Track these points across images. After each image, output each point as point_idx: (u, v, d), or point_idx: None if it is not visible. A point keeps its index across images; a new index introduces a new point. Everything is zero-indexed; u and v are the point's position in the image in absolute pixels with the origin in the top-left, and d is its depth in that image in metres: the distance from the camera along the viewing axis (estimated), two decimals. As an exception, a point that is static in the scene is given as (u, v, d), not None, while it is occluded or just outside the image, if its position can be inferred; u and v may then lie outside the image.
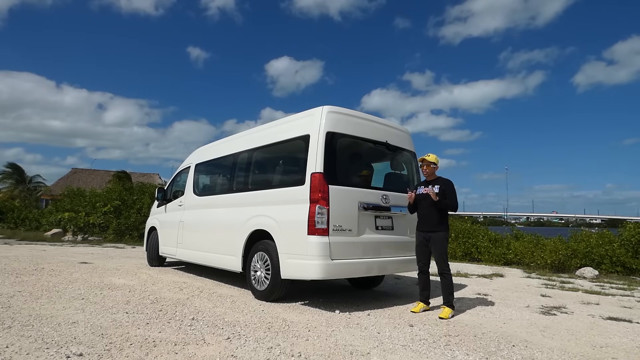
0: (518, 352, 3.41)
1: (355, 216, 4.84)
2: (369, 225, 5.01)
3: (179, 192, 7.87)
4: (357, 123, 5.17)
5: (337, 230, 4.63)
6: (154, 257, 8.21)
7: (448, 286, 4.61)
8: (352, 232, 4.78)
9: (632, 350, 3.67)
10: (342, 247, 4.64)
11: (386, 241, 5.18)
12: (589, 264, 9.99)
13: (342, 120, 4.99)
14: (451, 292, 4.63)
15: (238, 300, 5.07)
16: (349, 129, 5.04)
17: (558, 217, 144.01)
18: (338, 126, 4.90)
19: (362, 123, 5.25)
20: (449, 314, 4.51)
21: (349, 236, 4.75)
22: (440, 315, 4.49)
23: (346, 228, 4.72)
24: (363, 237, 4.90)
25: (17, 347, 3.03)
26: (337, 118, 4.93)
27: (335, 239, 4.57)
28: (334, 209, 4.63)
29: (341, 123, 4.96)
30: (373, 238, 5.02)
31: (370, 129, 5.31)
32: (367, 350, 3.30)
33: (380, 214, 5.15)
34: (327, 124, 4.79)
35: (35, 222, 18.40)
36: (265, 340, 3.45)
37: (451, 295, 4.63)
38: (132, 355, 2.96)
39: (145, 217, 12.87)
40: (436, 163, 4.85)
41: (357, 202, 4.88)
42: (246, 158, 6.10)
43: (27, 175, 35.05)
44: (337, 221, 4.65)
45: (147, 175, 35.78)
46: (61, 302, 4.53)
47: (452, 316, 4.55)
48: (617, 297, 6.51)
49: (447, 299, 4.62)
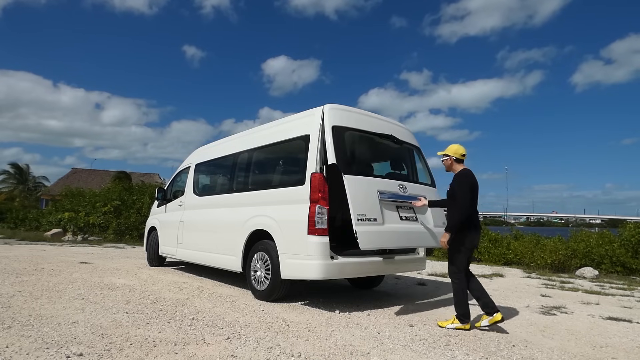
0: (518, 352, 3.41)
1: (377, 205, 4.65)
2: (393, 215, 4.81)
3: (179, 192, 7.87)
4: (360, 119, 5.15)
5: (362, 220, 4.36)
6: (154, 257, 8.21)
7: (454, 294, 4.14)
8: (378, 222, 4.55)
9: (632, 350, 3.67)
10: (371, 236, 4.41)
11: (413, 231, 4.99)
12: (589, 264, 9.99)
13: (345, 115, 4.99)
14: (458, 301, 4.07)
15: (238, 300, 5.07)
16: (353, 124, 5.00)
17: (558, 217, 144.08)
18: (342, 121, 4.87)
19: (365, 119, 5.23)
20: (445, 324, 4.11)
21: (375, 225, 4.50)
22: (439, 323, 4.19)
23: (370, 217, 4.49)
24: (388, 226, 4.66)
25: (17, 347, 3.03)
26: (340, 114, 4.92)
27: (362, 229, 4.31)
28: (354, 198, 4.41)
29: (345, 118, 4.94)
30: (399, 227, 4.82)
31: (374, 124, 5.30)
32: (367, 350, 3.30)
33: (402, 204, 4.98)
34: (332, 119, 4.76)
35: (35, 222, 18.40)
36: (265, 340, 3.45)
37: (458, 305, 4.07)
38: (132, 355, 2.96)
39: (145, 217, 12.87)
40: (450, 154, 4.29)
41: (376, 191, 4.73)
42: (246, 158, 6.11)
43: (32, 176, 35.15)
44: (360, 210, 4.39)
45: (147, 175, 35.77)
46: (61, 302, 4.53)
47: (454, 328, 4.03)
48: (617, 297, 6.51)
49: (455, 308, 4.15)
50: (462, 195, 4.00)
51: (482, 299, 4.05)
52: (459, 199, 4.02)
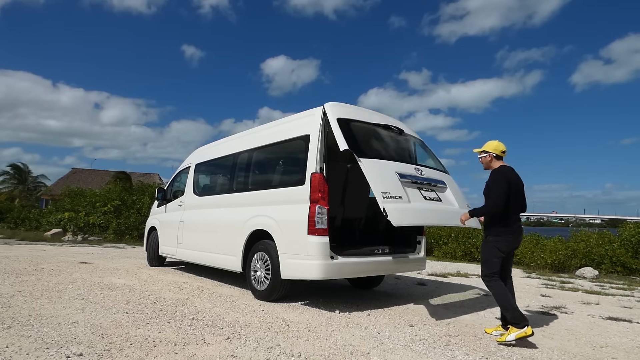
0: (518, 352, 3.41)
1: (399, 185, 4.50)
2: (417, 195, 4.64)
3: (179, 192, 7.87)
4: (361, 114, 5.17)
5: (388, 197, 4.19)
6: (154, 257, 8.20)
7: (496, 300, 3.78)
8: (403, 199, 4.38)
9: (632, 350, 3.67)
10: (401, 213, 4.23)
11: (440, 209, 4.88)
12: (589, 264, 9.99)
13: (346, 110, 5.00)
14: (502, 306, 3.71)
15: (238, 300, 5.07)
16: (356, 117, 5.01)
17: (558, 217, 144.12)
18: (345, 114, 4.87)
19: (366, 114, 5.26)
20: (504, 337, 3.59)
21: (402, 203, 4.33)
22: (498, 339, 3.67)
23: (395, 195, 4.32)
24: (415, 204, 4.50)
25: (17, 347, 3.03)
26: (341, 109, 4.94)
27: (390, 206, 4.10)
28: (375, 179, 4.31)
29: (347, 112, 4.95)
30: (426, 206, 4.68)
31: (375, 118, 5.32)
32: (367, 350, 3.30)
33: (422, 185, 4.87)
34: (335, 113, 4.75)
35: (35, 222, 18.39)
36: (265, 340, 3.45)
37: (505, 309, 3.70)
38: (132, 355, 2.96)
39: (145, 217, 12.86)
40: (489, 151, 3.94)
41: (394, 172, 4.63)
42: (246, 158, 6.11)
43: (32, 176, 35.17)
44: (384, 189, 4.25)
45: (147, 176, 35.77)
46: (61, 302, 4.53)
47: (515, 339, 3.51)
48: (617, 297, 6.51)
49: (502, 314, 3.83)
50: (496, 191, 3.69)
51: None
52: (492, 194, 3.72)
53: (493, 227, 3.83)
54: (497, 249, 3.76)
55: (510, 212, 3.76)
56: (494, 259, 3.76)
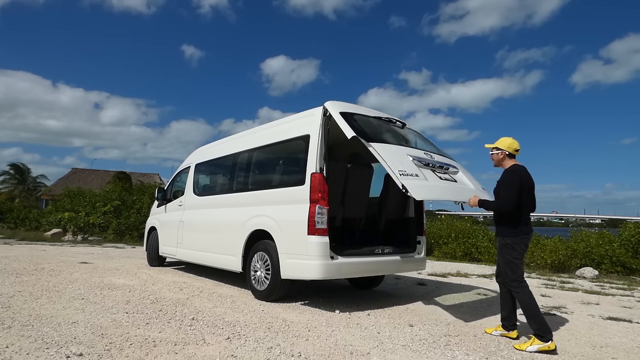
0: (518, 352, 3.41)
1: (413, 165, 4.48)
2: (431, 175, 4.62)
3: (179, 192, 7.87)
4: (363, 111, 5.19)
5: (405, 174, 4.16)
6: (154, 257, 8.20)
7: (522, 307, 3.61)
8: (420, 177, 4.35)
9: (632, 350, 3.67)
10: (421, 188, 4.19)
11: (457, 188, 4.83)
12: (589, 264, 9.99)
13: (347, 106, 5.01)
14: (529, 315, 3.54)
15: (238, 300, 5.07)
16: (358, 112, 5.03)
17: (558, 217, 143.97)
18: (347, 109, 4.88)
19: (366, 110, 5.28)
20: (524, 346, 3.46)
21: (419, 180, 4.29)
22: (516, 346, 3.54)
23: (412, 173, 4.29)
24: (430, 182, 4.47)
25: (17, 347, 3.03)
26: (342, 105, 4.94)
27: (409, 182, 4.06)
28: (390, 158, 4.29)
29: (348, 107, 4.96)
30: (443, 183, 4.64)
31: (377, 114, 5.34)
32: (367, 350, 3.30)
33: (434, 168, 4.82)
34: (337, 108, 4.77)
35: (35, 222, 18.39)
36: (265, 340, 3.45)
37: (530, 318, 3.54)
38: (132, 355, 2.96)
39: (145, 217, 12.86)
40: (502, 148, 3.82)
41: (406, 154, 4.63)
42: (246, 158, 6.11)
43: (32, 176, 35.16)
44: (400, 167, 4.22)
45: (147, 176, 35.78)
46: (61, 302, 4.53)
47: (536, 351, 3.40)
48: (617, 297, 6.51)
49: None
50: (507, 189, 3.61)
51: (506, 310, 3.83)
52: (502, 192, 3.65)
53: (509, 228, 3.71)
54: (516, 250, 3.67)
55: (522, 212, 3.69)
56: (517, 260, 3.67)
